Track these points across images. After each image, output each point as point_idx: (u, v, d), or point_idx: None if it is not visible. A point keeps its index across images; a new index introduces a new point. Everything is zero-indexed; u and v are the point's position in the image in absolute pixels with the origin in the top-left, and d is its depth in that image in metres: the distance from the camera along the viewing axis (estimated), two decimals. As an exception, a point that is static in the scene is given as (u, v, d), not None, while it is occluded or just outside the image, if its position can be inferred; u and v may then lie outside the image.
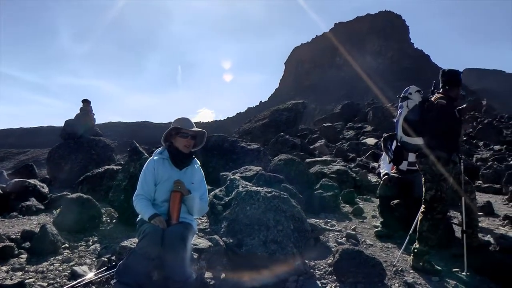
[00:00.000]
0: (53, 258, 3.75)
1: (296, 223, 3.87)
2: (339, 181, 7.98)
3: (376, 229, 5.31)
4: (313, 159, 11.25)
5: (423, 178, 4.05)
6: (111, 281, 3.08)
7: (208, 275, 3.35)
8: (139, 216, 3.09)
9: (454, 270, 3.93)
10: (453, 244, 4.57)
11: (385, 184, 5.49)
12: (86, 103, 12.07)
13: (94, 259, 3.80)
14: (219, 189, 4.71)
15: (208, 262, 3.39)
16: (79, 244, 4.26)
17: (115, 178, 5.66)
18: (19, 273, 3.31)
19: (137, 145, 5.66)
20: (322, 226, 4.93)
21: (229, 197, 4.20)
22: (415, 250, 3.93)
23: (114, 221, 5.34)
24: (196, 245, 3.37)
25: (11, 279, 3.12)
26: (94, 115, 12.25)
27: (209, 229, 4.37)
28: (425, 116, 4.01)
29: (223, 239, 3.70)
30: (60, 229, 4.42)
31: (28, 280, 3.15)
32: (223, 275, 3.42)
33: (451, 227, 4.94)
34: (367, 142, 18.40)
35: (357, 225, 5.59)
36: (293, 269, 3.46)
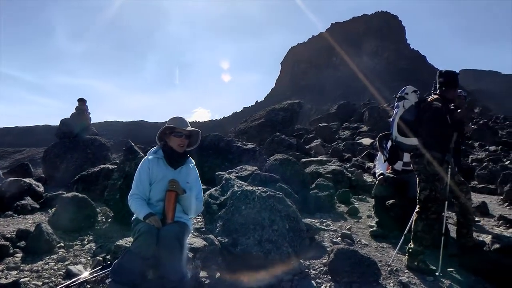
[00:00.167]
0: (48, 257, 3.73)
1: (291, 223, 3.87)
2: (334, 181, 7.99)
3: (371, 229, 5.33)
4: (308, 159, 11.24)
5: (417, 178, 4.08)
6: (106, 280, 3.08)
7: (203, 274, 3.36)
8: (134, 216, 3.08)
9: (449, 270, 3.96)
10: (448, 244, 4.59)
11: (380, 184, 5.52)
12: (82, 102, 11.99)
13: (89, 258, 3.79)
14: (214, 188, 4.72)
15: (203, 261, 3.39)
16: (74, 243, 4.25)
17: (110, 177, 5.65)
18: (14, 272, 3.31)
19: (133, 144, 5.65)
20: (317, 226, 4.95)
21: (225, 197, 4.21)
22: (410, 250, 3.96)
23: (109, 220, 5.33)
24: (191, 244, 3.37)
25: (6, 278, 3.10)
26: (89, 114, 12.18)
27: (204, 229, 4.37)
28: (421, 117, 4.04)
29: (218, 238, 3.71)
30: (55, 228, 4.41)
31: (23, 279, 3.14)
32: (218, 275, 3.42)
33: (446, 227, 4.96)
34: (362, 142, 18.40)
35: (352, 225, 5.61)
36: (288, 268, 3.47)
